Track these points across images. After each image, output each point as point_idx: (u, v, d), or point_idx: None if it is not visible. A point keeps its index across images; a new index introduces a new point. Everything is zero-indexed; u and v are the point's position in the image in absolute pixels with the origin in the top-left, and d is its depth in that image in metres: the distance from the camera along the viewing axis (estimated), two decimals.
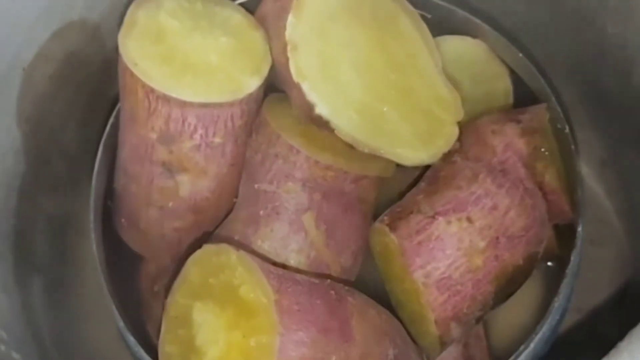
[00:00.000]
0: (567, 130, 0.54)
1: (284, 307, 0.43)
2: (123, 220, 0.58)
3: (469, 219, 0.49)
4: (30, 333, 0.59)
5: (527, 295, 0.58)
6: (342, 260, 0.53)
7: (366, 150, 0.50)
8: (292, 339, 0.43)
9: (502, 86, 0.59)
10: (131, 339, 0.52)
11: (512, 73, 0.59)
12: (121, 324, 0.53)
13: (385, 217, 0.51)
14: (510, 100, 0.59)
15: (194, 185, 0.54)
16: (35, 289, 0.62)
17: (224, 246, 0.47)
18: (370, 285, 0.56)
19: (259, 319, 0.44)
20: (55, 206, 0.66)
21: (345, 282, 0.53)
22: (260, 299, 0.44)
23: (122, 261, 0.60)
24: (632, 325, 0.57)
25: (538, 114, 0.54)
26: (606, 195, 0.69)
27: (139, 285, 0.61)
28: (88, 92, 0.64)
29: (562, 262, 0.54)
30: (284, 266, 0.51)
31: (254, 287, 0.44)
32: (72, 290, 0.66)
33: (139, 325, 0.58)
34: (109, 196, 0.60)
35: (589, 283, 0.62)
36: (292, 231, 0.51)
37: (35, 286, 0.62)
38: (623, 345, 0.39)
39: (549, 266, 0.60)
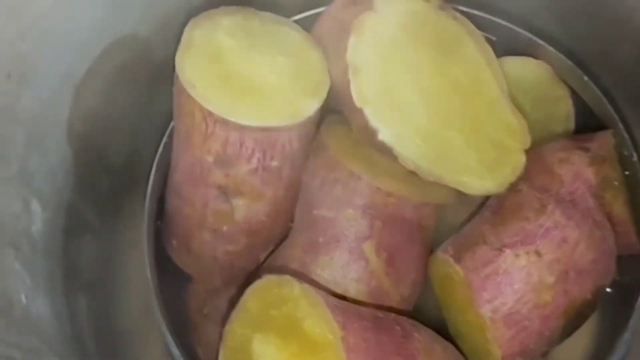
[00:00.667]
0: (635, 157, 0.52)
1: (350, 344, 0.42)
2: (174, 241, 0.57)
3: (537, 253, 0.47)
4: (78, 353, 0.58)
5: (586, 323, 0.56)
6: (402, 289, 0.51)
7: (430, 179, 0.49)
8: None
9: (564, 109, 0.57)
10: None
11: (575, 96, 0.57)
12: (175, 350, 0.51)
13: (450, 247, 0.50)
14: (572, 124, 0.57)
15: (249, 209, 0.53)
16: (83, 308, 0.61)
17: (286, 278, 0.45)
18: (426, 313, 0.54)
19: (324, 355, 0.42)
20: (101, 223, 0.65)
21: (405, 312, 0.51)
22: (326, 334, 0.42)
23: (170, 281, 0.59)
24: None
25: (605, 141, 0.52)
26: None
27: (187, 306, 0.60)
28: (136, 108, 0.62)
29: (620, 288, 0.53)
30: (343, 295, 0.49)
31: (319, 321, 0.43)
32: (119, 309, 0.64)
33: (186, 347, 0.57)
34: (159, 216, 0.58)
35: None
36: (352, 259, 0.50)
37: (82, 305, 0.61)
38: None
39: (607, 292, 0.58)
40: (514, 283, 0.47)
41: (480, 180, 0.49)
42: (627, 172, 0.53)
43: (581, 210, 0.49)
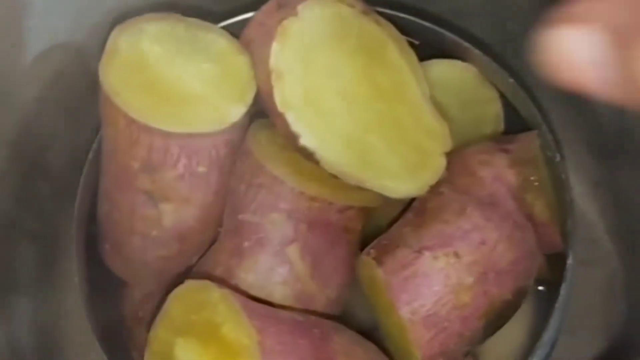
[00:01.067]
0: (558, 159, 0.53)
1: (266, 348, 0.43)
2: (107, 246, 0.57)
3: (456, 255, 0.48)
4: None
5: (518, 321, 0.57)
6: (328, 292, 0.52)
7: (352, 182, 0.49)
8: None
9: (492, 111, 0.58)
10: None
11: (503, 98, 0.58)
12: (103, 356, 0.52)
13: (372, 250, 0.50)
14: (501, 126, 0.58)
15: (177, 214, 0.53)
16: (21, 314, 0.61)
17: (206, 283, 0.46)
18: (359, 316, 0.55)
19: (241, 359, 0.43)
20: (41, 229, 0.65)
21: (332, 315, 0.52)
22: (243, 339, 0.43)
23: (108, 286, 0.59)
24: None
25: (528, 143, 0.53)
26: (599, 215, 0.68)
27: (122, 310, 0.60)
28: (73, 114, 0.63)
29: (553, 287, 0.53)
30: (268, 300, 0.50)
31: (236, 326, 0.43)
32: (58, 314, 0.65)
33: (123, 351, 0.58)
34: (94, 220, 0.59)
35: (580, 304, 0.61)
36: (276, 263, 0.50)
37: (20, 310, 0.61)
38: None
39: (540, 290, 0.59)
40: (433, 285, 0.47)
41: (401, 184, 0.50)
42: (551, 173, 0.53)
43: (501, 211, 0.49)
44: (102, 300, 0.58)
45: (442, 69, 0.58)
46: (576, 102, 0.59)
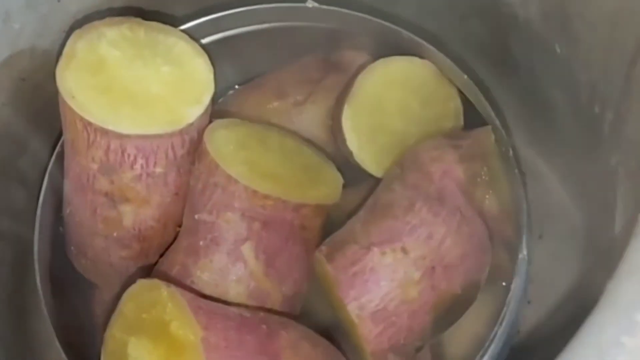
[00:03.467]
0: (510, 153, 0.54)
1: (211, 344, 0.43)
2: (72, 247, 0.58)
3: (403, 250, 0.48)
4: None
5: (480, 315, 0.57)
6: (283, 289, 0.53)
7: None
8: None
9: (452, 107, 0.59)
10: None
11: (461, 94, 0.58)
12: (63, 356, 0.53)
13: (324, 247, 0.51)
14: (461, 121, 0.59)
15: (137, 214, 0.54)
16: None
17: (155, 282, 0.47)
18: (320, 313, 0.56)
19: (187, 356, 0.44)
20: (17, 233, 0.66)
21: (290, 312, 0.53)
22: (189, 335, 0.44)
23: (79, 289, 0.60)
24: None
25: (481, 138, 0.53)
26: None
27: (93, 312, 0.61)
28: (39, 119, 0.63)
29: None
30: (223, 297, 0.51)
31: (182, 323, 0.44)
32: (30, 313, 0.66)
33: (94, 352, 0.59)
34: (61, 223, 0.60)
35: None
36: (230, 262, 0.51)
37: None
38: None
39: (504, 286, 0.59)
40: (380, 280, 0.48)
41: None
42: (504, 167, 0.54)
43: (449, 207, 0.50)
44: (72, 303, 0.59)
45: (402, 65, 0.58)
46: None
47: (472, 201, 0.51)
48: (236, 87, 0.65)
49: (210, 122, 0.55)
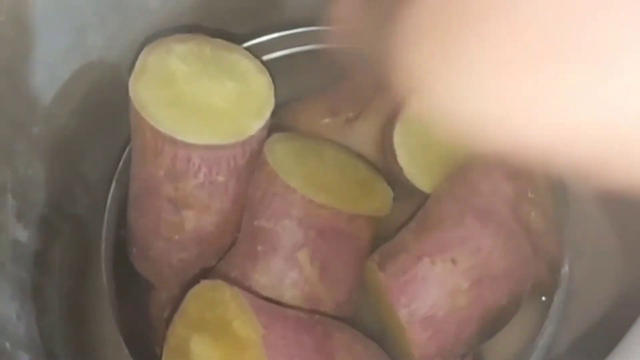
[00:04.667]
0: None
1: (271, 342, 0.46)
2: (135, 249, 0.62)
3: (453, 260, 0.51)
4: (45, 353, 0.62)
5: (520, 328, 0.59)
6: (336, 295, 0.55)
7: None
8: None
9: None
10: None
11: None
12: (126, 351, 0.56)
13: (376, 256, 0.54)
14: None
15: (198, 220, 0.57)
16: (52, 319, 0.65)
17: (219, 282, 0.50)
18: (369, 320, 0.58)
19: (248, 353, 0.47)
20: (78, 235, 0.69)
21: (340, 317, 0.55)
22: (250, 334, 0.47)
23: (136, 289, 0.64)
24: None
25: None
26: None
27: (150, 312, 0.64)
28: (107, 127, 0.67)
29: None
30: (279, 300, 0.54)
31: (244, 322, 0.47)
32: (90, 314, 0.69)
33: (149, 350, 0.62)
34: (124, 226, 0.63)
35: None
36: (287, 267, 0.54)
37: (52, 316, 0.65)
38: None
39: (544, 301, 0.61)
40: (430, 288, 0.51)
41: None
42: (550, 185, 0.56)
43: (497, 220, 0.52)
44: (130, 303, 0.62)
45: None
46: None
47: (518, 217, 0.53)
48: (291, 102, 0.68)
49: (269, 135, 0.58)
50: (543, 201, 0.55)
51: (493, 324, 0.52)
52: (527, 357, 0.53)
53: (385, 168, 0.62)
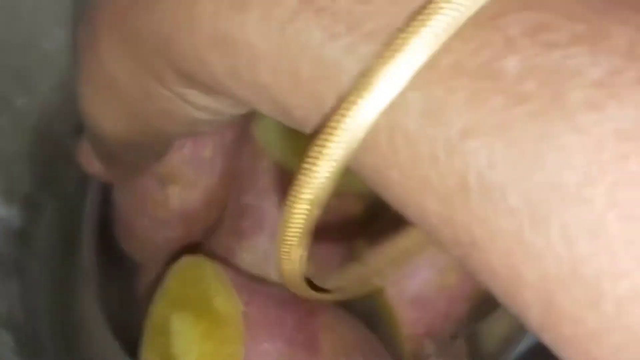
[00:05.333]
0: None
1: (251, 319, 0.45)
2: (119, 227, 0.60)
3: None
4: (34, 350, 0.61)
5: None
6: (326, 274, 0.54)
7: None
8: (258, 349, 0.44)
9: None
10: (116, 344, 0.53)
11: None
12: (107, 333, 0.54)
13: (363, 234, 0.52)
14: None
15: (183, 197, 0.55)
16: (36, 298, 0.64)
17: (200, 258, 0.48)
18: (357, 301, 0.57)
19: (228, 330, 0.45)
20: (64, 214, 0.68)
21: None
22: (231, 310, 0.45)
23: (123, 267, 0.62)
24: None
25: None
26: None
27: (137, 292, 0.63)
28: None
29: None
30: (264, 279, 0.52)
31: (225, 299, 0.46)
32: (74, 298, 0.68)
33: (135, 331, 0.60)
34: (109, 203, 0.62)
35: None
36: (273, 245, 0.52)
37: (36, 294, 0.64)
38: None
39: None
40: (419, 266, 0.49)
41: None
42: None
43: None
44: (116, 281, 0.61)
45: None
46: None
47: None
48: None
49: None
50: None
51: (486, 302, 0.51)
52: (521, 338, 0.52)
53: None
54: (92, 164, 0.49)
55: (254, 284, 0.49)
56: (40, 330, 0.62)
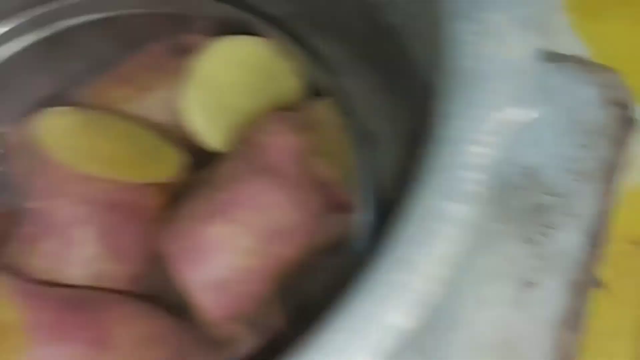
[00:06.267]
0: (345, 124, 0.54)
1: (33, 324, 0.43)
2: None
3: (240, 220, 0.48)
4: None
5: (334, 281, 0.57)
6: (129, 270, 0.52)
7: None
8: (43, 354, 0.42)
9: (291, 85, 0.59)
10: None
11: (300, 71, 0.59)
12: None
13: (162, 223, 0.50)
14: (302, 96, 0.59)
15: None
16: None
17: None
18: (170, 292, 0.55)
19: (10, 336, 0.43)
20: None
21: (140, 292, 0.52)
22: (11, 317, 0.43)
23: None
24: None
25: (316, 110, 0.54)
26: None
27: None
28: None
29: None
30: (64, 282, 0.50)
31: (5, 306, 0.43)
32: None
33: None
34: None
35: None
36: (65, 247, 0.50)
37: None
38: None
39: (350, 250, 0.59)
40: (217, 251, 0.48)
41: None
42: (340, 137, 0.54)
43: (284, 176, 0.50)
44: None
45: (238, 44, 0.58)
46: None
47: (306, 170, 0.51)
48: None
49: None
50: (336, 152, 0.53)
51: (292, 278, 0.50)
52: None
53: (182, 134, 0.59)
54: None
55: (42, 289, 0.46)
56: None
